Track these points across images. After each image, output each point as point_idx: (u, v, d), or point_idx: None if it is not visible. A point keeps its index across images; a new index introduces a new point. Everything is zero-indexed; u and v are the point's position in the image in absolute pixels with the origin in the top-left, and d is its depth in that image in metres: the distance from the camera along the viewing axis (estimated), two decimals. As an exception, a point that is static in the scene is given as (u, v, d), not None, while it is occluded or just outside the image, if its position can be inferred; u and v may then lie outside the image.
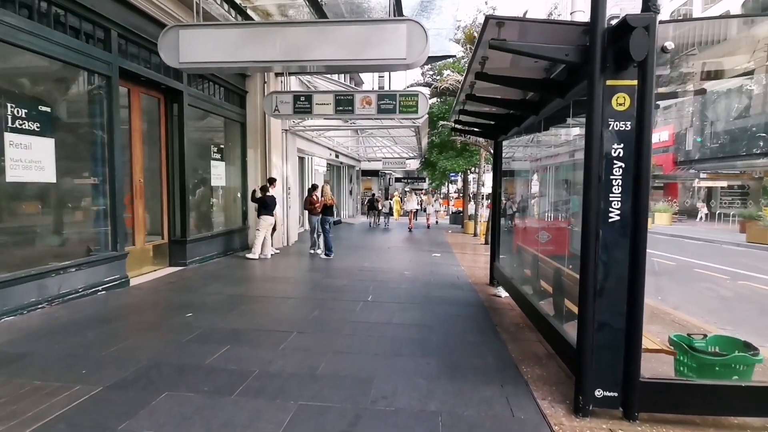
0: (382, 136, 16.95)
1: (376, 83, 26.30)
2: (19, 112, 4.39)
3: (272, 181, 8.73)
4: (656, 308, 5.20)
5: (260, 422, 2.49)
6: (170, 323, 4.32)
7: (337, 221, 17.07)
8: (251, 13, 7.68)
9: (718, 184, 24.87)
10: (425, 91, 13.75)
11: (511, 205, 6.50)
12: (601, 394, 2.58)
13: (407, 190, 30.63)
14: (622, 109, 2.49)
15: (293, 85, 10.72)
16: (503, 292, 5.67)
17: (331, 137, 15.93)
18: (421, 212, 20.65)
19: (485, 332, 4.22)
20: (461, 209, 18.64)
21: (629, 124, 2.48)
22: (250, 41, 4.84)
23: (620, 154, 2.50)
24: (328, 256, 8.79)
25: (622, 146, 2.49)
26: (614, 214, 2.52)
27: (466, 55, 13.60)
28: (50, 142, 4.74)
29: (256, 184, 9.20)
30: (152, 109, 6.82)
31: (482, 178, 15.14)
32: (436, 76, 16.17)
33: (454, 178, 25.91)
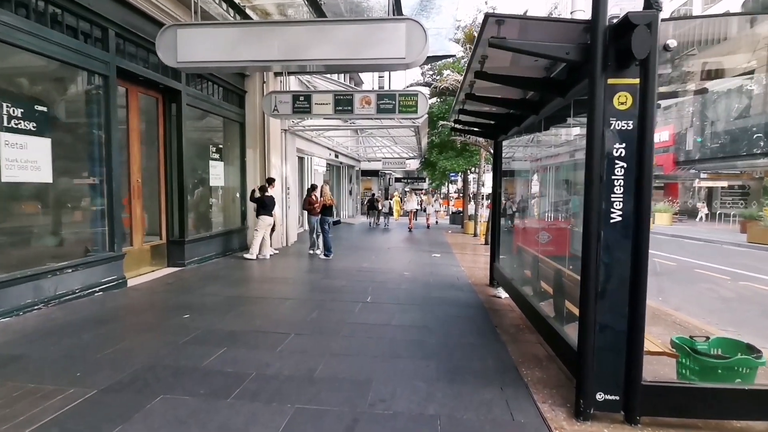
0: (381, 136, 16.91)
1: (375, 83, 26.24)
2: (15, 111, 4.36)
3: (271, 181, 8.69)
4: (657, 309, 5.16)
5: (256, 426, 2.46)
6: (167, 325, 4.29)
7: (336, 221, 17.04)
8: (250, 12, 7.65)
9: (718, 184, 24.87)
10: (425, 90, 13.71)
11: (511, 205, 6.47)
12: (602, 397, 2.54)
13: (407, 190, 30.63)
14: (623, 108, 2.45)
15: (292, 84, 10.68)
16: (503, 293, 5.63)
17: (330, 137, 15.89)
18: (421, 212, 20.62)
19: (485, 334, 4.19)
20: (461, 209, 18.61)
21: (631, 123, 2.45)
22: (248, 41, 4.81)
23: (622, 153, 2.46)
24: (327, 256, 8.75)
25: (623, 146, 2.46)
26: (616, 214, 2.48)
27: (465, 54, 13.55)
28: (47, 141, 4.71)
29: (255, 184, 9.16)
30: (150, 108, 6.78)
31: (482, 178, 15.11)
32: (435, 75, 16.13)
33: (454, 178, 25.90)
